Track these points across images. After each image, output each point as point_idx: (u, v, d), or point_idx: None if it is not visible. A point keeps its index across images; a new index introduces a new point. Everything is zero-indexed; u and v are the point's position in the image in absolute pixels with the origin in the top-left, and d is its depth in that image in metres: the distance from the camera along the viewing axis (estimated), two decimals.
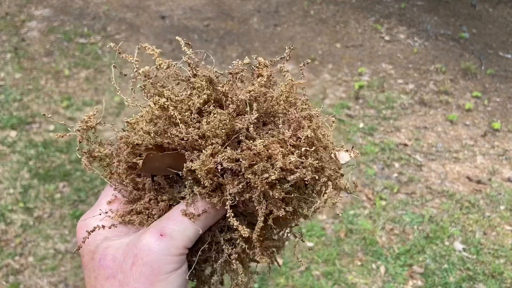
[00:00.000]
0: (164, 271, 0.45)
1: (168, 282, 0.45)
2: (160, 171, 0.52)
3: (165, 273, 0.45)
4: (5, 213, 2.59)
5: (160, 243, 0.45)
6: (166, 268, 0.45)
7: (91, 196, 2.74)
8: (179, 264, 0.46)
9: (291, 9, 5.20)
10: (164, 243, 0.45)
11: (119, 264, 0.46)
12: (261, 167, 0.46)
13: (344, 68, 4.21)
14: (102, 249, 0.48)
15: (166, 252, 0.45)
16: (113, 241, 0.49)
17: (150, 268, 0.44)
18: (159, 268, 0.44)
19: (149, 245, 0.45)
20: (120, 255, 0.47)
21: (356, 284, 2.31)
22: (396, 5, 5.34)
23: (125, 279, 0.45)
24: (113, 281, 0.46)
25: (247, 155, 0.47)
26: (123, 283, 0.45)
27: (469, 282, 2.33)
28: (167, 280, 0.45)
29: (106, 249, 0.48)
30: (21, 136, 3.16)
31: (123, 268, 0.45)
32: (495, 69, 4.27)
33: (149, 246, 0.45)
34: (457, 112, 3.68)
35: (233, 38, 4.60)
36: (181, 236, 0.46)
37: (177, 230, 0.47)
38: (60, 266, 2.34)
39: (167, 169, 0.51)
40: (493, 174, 3.06)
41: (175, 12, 5.03)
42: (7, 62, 3.99)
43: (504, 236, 2.60)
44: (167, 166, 0.51)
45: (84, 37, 4.44)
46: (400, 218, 2.69)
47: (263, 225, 0.49)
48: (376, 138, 3.35)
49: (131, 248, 0.46)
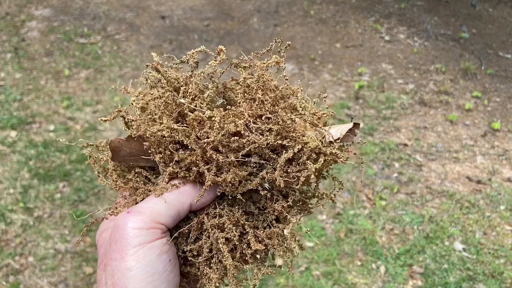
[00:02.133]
0: (132, 244, 0.45)
1: (139, 255, 0.45)
2: (135, 160, 0.55)
3: (133, 246, 0.45)
4: (5, 213, 2.59)
5: (125, 218, 0.47)
6: (133, 241, 0.46)
7: (91, 196, 2.74)
8: (149, 237, 0.47)
9: (291, 9, 5.20)
10: (130, 217, 0.47)
11: (105, 249, 0.48)
12: (201, 133, 0.49)
13: (344, 68, 4.21)
14: (101, 241, 0.52)
15: (131, 225, 0.46)
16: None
17: (119, 243, 0.46)
18: (126, 242, 0.46)
19: (117, 223, 0.47)
20: (107, 240, 0.49)
21: (356, 284, 2.31)
22: (396, 5, 5.34)
23: (107, 260, 0.47)
24: (101, 265, 0.48)
25: (190, 123, 0.49)
26: (106, 264, 0.47)
27: (469, 282, 2.33)
28: (137, 254, 0.45)
29: (101, 240, 0.52)
30: (21, 136, 3.16)
31: (106, 251, 0.48)
32: (495, 69, 4.28)
33: (117, 223, 0.47)
34: (457, 112, 3.68)
35: (233, 38, 4.60)
36: (149, 211, 0.48)
37: (145, 206, 0.49)
38: (60, 266, 2.34)
39: (142, 157, 0.54)
40: (493, 174, 3.06)
41: (175, 12, 5.03)
42: (7, 62, 3.99)
43: (504, 236, 2.60)
44: (139, 154, 0.54)
45: (84, 37, 4.44)
46: (400, 218, 2.69)
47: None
48: (376, 138, 3.35)
49: (111, 231, 0.49)
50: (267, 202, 0.53)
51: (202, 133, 0.50)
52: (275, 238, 0.53)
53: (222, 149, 0.50)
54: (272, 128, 0.50)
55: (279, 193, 0.53)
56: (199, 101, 0.52)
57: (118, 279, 0.45)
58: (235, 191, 0.51)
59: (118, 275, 0.45)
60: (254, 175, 0.52)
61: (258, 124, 0.50)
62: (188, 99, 0.52)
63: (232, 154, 0.50)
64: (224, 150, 0.50)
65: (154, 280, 0.46)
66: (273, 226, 0.54)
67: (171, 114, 0.52)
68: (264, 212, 0.54)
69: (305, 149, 0.51)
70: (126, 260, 0.45)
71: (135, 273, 0.45)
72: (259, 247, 0.51)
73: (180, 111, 0.52)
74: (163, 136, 0.51)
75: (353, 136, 0.54)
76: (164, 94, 0.53)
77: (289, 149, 0.50)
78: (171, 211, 0.50)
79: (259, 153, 0.51)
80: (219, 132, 0.48)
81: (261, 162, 0.51)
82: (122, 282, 0.45)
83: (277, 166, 0.50)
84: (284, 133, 0.50)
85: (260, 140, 0.49)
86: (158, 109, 0.52)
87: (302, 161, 0.51)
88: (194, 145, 0.50)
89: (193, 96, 0.53)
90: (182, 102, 0.51)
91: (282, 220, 0.55)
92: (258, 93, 0.52)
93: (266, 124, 0.50)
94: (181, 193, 0.51)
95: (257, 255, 0.55)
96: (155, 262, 0.46)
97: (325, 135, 0.53)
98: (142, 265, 0.45)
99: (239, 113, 0.50)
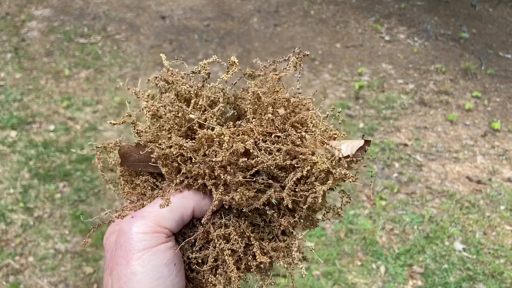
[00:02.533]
0: (137, 249, 0.46)
1: (143, 260, 0.46)
2: (144, 166, 0.55)
3: (138, 250, 0.46)
4: (5, 213, 2.59)
5: (130, 223, 0.47)
6: (138, 245, 0.46)
7: (91, 196, 2.75)
8: (154, 242, 0.47)
9: (291, 9, 5.20)
10: (134, 222, 0.47)
11: (111, 253, 0.49)
12: (210, 150, 0.49)
13: (344, 68, 4.21)
14: (108, 245, 0.52)
15: (136, 230, 0.47)
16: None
17: (123, 248, 0.46)
18: (131, 247, 0.46)
19: (122, 227, 0.48)
20: (113, 245, 0.49)
21: (356, 284, 2.31)
22: (396, 5, 5.34)
23: (113, 264, 0.47)
24: (107, 270, 0.48)
25: (199, 141, 0.49)
26: (112, 268, 0.47)
27: (469, 282, 2.33)
28: (142, 258, 0.46)
29: (108, 244, 0.52)
30: (21, 136, 3.17)
31: (112, 255, 0.48)
32: (495, 69, 4.27)
33: (122, 228, 0.48)
34: (457, 112, 3.68)
35: (233, 38, 4.60)
36: (153, 215, 0.48)
37: (149, 210, 0.49)
38: (60, 266, 2.34)
39: (149, 164, 0.54)
40: (493, 174, 3.06)
41: (175, 12, 5.03)
42: (7, 62, 3.99)
43: (504, 236, 2.60)
44: (148, 161, 0.54)
45: (84, 37, 4.44)
46: (400, 218, 2.69)
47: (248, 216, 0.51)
48: (376, 138, 3.35)
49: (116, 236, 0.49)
50: (274, 216, 0.53)
51: (211, 151, 0.49)
52: (281, 250, 0.54)
53: (230, 167, 0.50)
54: (281, 148, 0.49)
55: (286, 208, 0.53)
56: (209, 114, 0.52)
57: (124, 283, 0.45)
58: (241, 206, 0.52)
59: (123, 280, 0.45)
60: (262, 192, 0.51)
61: (268, 143, 0.50)
62: (198, 113, 0.51)
63: (240, 173, 0.50)
64: (232, 168, 0.50)
65: (159, 284, 0.46)
66: (279, 239, 0.54)
67: (180, 128, 0.52)
68: (270, 225, 0.54)
69: (314, 169, 0.50)
70: (131, 264, 0.45)
71: (140, 277, 0.45)
72: (265, 259, 0.51)
73: (190, 126, 0.52)
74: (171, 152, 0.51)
75: (363, 153, 0.54)
76: (174, 102, 0.53)
77: (298, 170, 0.50)
78: (174, 215, 0.50)
79: (267, 171, 0.51)
80: (227, 152, 0.48)
81: (269, 181, 0.51)
82: (128, 287, 0.45)
83: (285, 185, 0.50)
84: (293, 152, 0.50)
85: (268, 161, 0.49)
86: (168, 123, 0.52)
87: (310, 181, 0.51)
88: (201, 162, 0.50)
89: (204, 109, 0.52)
90: (192, 117, 0.51)
91: (288, 234, 0.55)
92: (268, 110, 0.51)
93: (276, 143, 0.50)
94: (185, 197, 0.51)
95: (262, 265, 0.55)
96: (160, 266, 0.46)
97: (335, 153, 0.52)
98: (147, 269, 0.46)
99: (249, 130, 0.50)
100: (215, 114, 0.52)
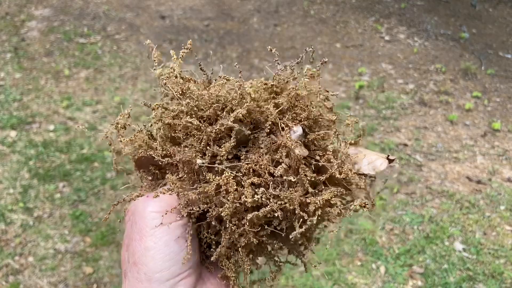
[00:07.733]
0: (150, 226, 0.49)
1: (156, 236, 0.49)
2: (159, 168, 0.57)
3: (151, 227, 0.49)
4: (5, 213, 2.58)
5: (144, 202, 0.51)
6: (151, 222, 0.49)
7: (91, 196, 2.74)
8: (166, 220, 0.50)
9: (291, 9, 5.20)
10: (148, 201, 0.51)
11: (128, 230, 0.52)
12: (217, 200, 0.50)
13: (344, 68, 4.21)
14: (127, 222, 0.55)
15: (150, 209, 0.50)
16: None
17: (138, 225, 0.50)
18: (144, 224, 0.49)
19: (137, 206, 0.51)
20: (129, 223, 0.53)
21: (356, 284, 2.31)
22: (396, 5, 5.34)
23: (129, 240, 0.51)
24: (124, 245, 0.52)
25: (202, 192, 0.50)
26: (128, 244, 0.51)
27: (469, 282, 2.33)
28: (154, 235, 0.49)
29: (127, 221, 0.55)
30: (21, 136, 3.16)
31: (128, 231, 0.52)
32: (495, 69, 4.27)
33: (137, 207, 0.51)
34: (457, 112, 3.68)
35: (233, 38, 4.60)
36: (167, 195, 0.52)
37: (163, 190, 0.53)
38: (60, 266, 2.34)
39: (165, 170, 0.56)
40: (493, 174, 3.06)
41: (175, 12, 5.03)
42: (7, 62, 3.99)
43: (504, 236, 2.60)
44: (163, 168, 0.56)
45: (84, 37, 4.44)
46: (400, 218, 2.69)
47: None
48: (376, 138, 3.35)
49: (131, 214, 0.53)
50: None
51: (217, 202, 0.50)
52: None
53: (236, 216, 0.50)
54: (294, 197, 0.48)
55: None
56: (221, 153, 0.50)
57: (138, 258, 0.49)
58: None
59: (137, 255, 0.49)
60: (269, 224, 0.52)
61: (278, 191, 0.49)
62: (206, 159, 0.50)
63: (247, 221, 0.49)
64: (239, 216, 0.50)
65: (171, 258, 0.49)
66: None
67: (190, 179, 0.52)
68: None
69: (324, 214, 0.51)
70: (145, 240, 0.49)
71: (153, 252, 0.48)
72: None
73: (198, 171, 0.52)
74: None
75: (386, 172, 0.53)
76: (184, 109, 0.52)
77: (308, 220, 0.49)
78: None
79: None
80: (231, 206, 0.48)
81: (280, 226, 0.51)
82: (142, 261, 0.49)
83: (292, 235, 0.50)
84: (306, 202, 0.49)
85: (278, 211, 0.48)
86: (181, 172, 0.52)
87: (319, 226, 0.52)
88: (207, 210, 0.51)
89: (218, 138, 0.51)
90: (200, 163, 0.51)
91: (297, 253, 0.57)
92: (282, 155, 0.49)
93: (289, 188, 0.49)
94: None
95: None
96: (171, 242, 0.49)
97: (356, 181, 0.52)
98: (159, 245, 0.49)
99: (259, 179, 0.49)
100: (226, 151, 0.50)
